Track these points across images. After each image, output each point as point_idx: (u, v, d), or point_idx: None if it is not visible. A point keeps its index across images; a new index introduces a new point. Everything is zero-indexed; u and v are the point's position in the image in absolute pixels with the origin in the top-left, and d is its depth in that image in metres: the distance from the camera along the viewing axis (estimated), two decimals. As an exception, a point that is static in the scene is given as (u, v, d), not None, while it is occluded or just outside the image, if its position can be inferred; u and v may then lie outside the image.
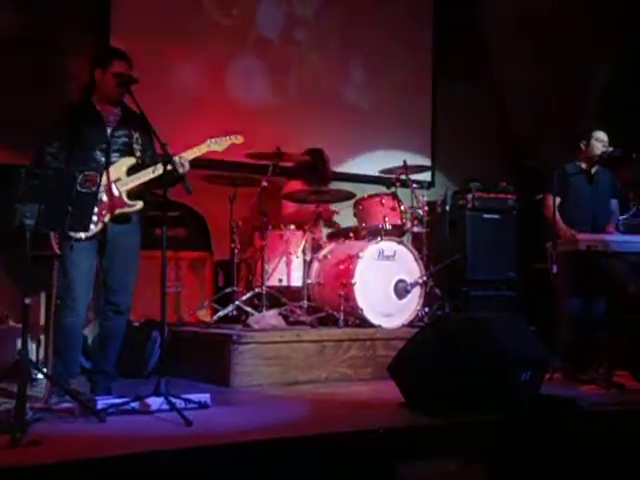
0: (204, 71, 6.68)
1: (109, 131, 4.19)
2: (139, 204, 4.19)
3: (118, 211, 4.13)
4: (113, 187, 4.11)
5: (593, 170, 5.51)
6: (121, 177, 4.15)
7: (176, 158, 4.05)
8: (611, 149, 5.42)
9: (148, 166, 4.17)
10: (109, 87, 4.16)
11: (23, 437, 3.11)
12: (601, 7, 7.29)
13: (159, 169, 4.05)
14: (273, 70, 7.02)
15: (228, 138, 4.42)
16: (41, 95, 5.62)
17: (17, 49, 5.71)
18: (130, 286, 4.26)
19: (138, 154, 4.21)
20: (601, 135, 5.48)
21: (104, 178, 4.04)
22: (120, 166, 4.16)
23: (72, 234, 3.95)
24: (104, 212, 4.08)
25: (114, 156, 4.17)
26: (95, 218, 4.00)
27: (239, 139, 4.47)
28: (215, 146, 4.37)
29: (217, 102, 6.59)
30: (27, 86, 5.71)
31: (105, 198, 4.08)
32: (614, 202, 5.61)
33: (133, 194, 4.17)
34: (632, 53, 7.20)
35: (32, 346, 4.96)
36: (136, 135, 4.23)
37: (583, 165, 5.52)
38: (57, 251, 4.05)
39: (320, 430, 3.56)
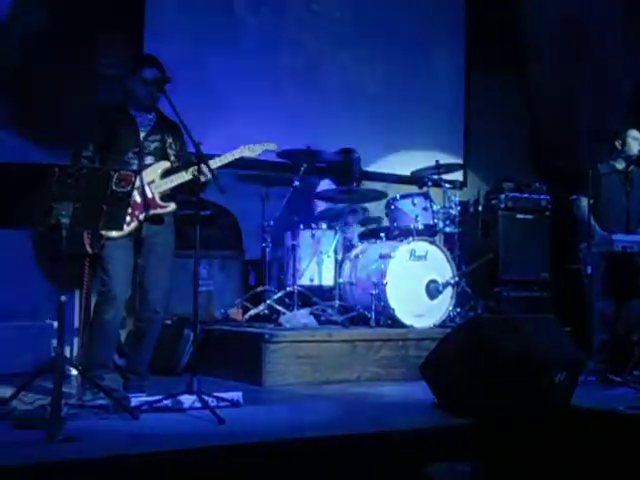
0: (235, 71, 6.69)
1: (142, 135, 4.24)
2: (172, 206, 4.23)
3: (152, 212, 4.17)
4: (147, 189, 4.16)
5: (627, 170, 5.43)
6: (155, 180, 4.20)
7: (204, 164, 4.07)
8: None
9: (182, 169, 4.20)
10: (140, 94, 4.21)
11: (59, 433, 3.14)
12: (633, 5, 7.18)
13: (190, 173, 4.08)
14: (303, 69, 7.01)
15: (261, 145, 4.44)
16: (73, 95, 5.68)
17: (50, 48, 5.76)
18: (165, 286, 4.28)
19: (172, 158, 4.26)
20: (636, 133, 5.40)
21: (138, 181, 4.07)
22: (155, 169, 4.22)
23: (104, 233, 3.99)
24: (137, 213, 4.13)
25: (148, 159, 4.22)
26: (128, 218, 4.03)
27: (272, 146, 4.50)
28: (248, 152, 4.41)
29: (248, 102, 6.60)
30: (59, 86, 5.76)
31: (138, 199, 4.12)
32: None
33: (166, 196, 4.21)
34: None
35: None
36: (169, 140, 4.28)
37: (618, 165, 5.44)
38: (89, 250, 4.09)
39: (350, 430, 3.55)
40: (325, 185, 6.36)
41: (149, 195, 4.16)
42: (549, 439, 3.69)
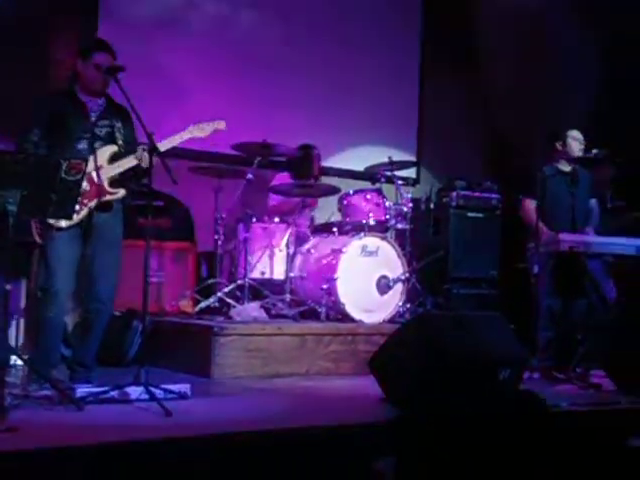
0: (191, 59, 6.64)
1: (92, 120, 4.16)
2: (121, 192, 4.15)
3: (101, 199, 4.09)
4: (94, 175, 4.07)
5: (571, 171, 5.51)
6: (103, 165, 4.11)
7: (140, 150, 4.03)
8: (596, 151, 5.43)
9: (130, 154, 4.14)
10: (90, 78, 4.14)
11: (1, 423, 3.10)
12: (588, 5, 7.32)
13: (138, 158, 4.04)
14: (261, 61, 7.00)
15: (210, 124, 4.38)
16: (24, 79, 5.57)
17: (2, 31, 5.65)
18: (112, 276, 4.22)
19: (120, 142, 4.19)
20: (577, 134, 5.49)
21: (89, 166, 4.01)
22: (102, 154, 4.13)
23: (53, 222, 3.93)
24: (86, 200, 4.05)
25: (97, 145, 4.14)
26: (77, 207, 3.96)
27: (222, 124, 4.43)
28: (197, 132, 4.33)
29: (204, 92, 6.56)
30: (9, 70, 5.64)
31: (87, 186, 4.03)
32: (593, 201, 5.64)
33: (115, 182, 4.14)
34: (620, 52, 7.23)
35: (12, 332, 4.95)
36: (118, 125, 4.21)
37: (560, 166, 5.52)
38: (38, 239, 4.02)
39: (299, 423, 3.57)
40: (280, 180, 6.36)
41: (97, 181, 4.07)
42: (494, 435, 3.75)
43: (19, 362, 4.49)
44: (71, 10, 5.99)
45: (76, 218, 4.00)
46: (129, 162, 4.12)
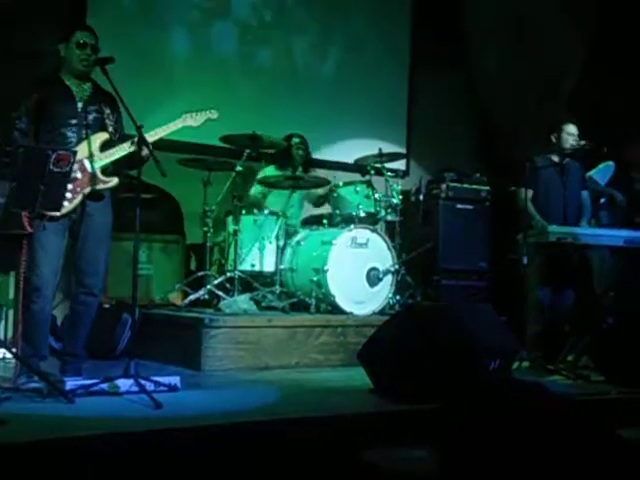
0: (181, 53, 6.63)
1: (80, 106, 4.11)
2: (114, 180, 4.11)
3: (93, 188, 4.05)
4: (87, 163, 4.03)
5: (563, 163, 5.55)
6: (95, 153, 4.05)
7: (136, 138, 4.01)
8: (583, 142, 5.46)
9: (122, 142, 4.11)
10: (74, 58, 4.09)
11: (-9, 416, 3.09)
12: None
13: (132, 146, 4.01)
14: (250, 54, 6.99)
15: (204, 113, 4.36)
16: (10, 70, 5.53)
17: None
18: (102, 268, 4.21)
19: (111, 129, 4.15)
20: (572, 128, 5.52)
21: (78, 155, 3.97)
22: (94, 141, 4.07)
23: (45, 212, 3.90)
24: (78, 189, 4.00)
25: (87, 132, 4.08)
26: (70, 195, 3.93)
27: (214, 113, 4.41)
28: (191, 120, 4.30)
29: (193, 85, 6.55)
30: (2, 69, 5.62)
31: (79, 175, 4.00)
32: (585, 193, 5.67)
33: (107, 171, 4.10)
34: (606, 41, 7.26)
35: (1, 326, 4.93)
36: (107, 111, 4.15)
37: (554, 158, 5.57)
38: (29, 229, 3.99)
39: (289, 415, 3.58)
40: (268, 171, 6.36)
41: (89, 170, 4.03)
42: (482, 425, 3.76)
43: (8, 355, 4.48)
44: (58, 3, 5.95)
45: (69, 206, 3.96)
46: (122, 150, 4.08)
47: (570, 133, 5.50)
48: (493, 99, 7.92)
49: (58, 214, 3.92)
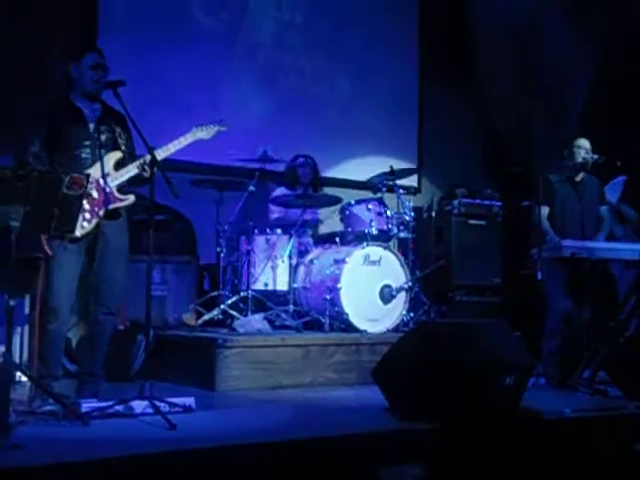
0: (192, 74, 6.67)
1: (92, 127, 4.14)
2: (131, 198, 4.13)
3: (111, 206, 4.07)
4: (102, 182, 4.05)
5: (578, 178, 5.52)
6: (110, 172, 4.09)
7: (147, 157, 4.04)
8: (596, 157, 5.43)
9: (134, 160, 4.14)
10: (86, 80, 4.12)
11: (6, 440, 3.09)
12: (582, 15, 7.35)
13: (147, 165, 4.04)
14: (261, 74, 7.03)
15: (214, 125, 4.38)
16: (25, 95, 5.59)
17: (1, 46, 5.68)
18: (119, 288, 4.21)
19: (123, 148, 4.18)
20: (583, 142, 5.49)
21: (93, 175, 3.99)
22: (108, 161, 4.11)
23: (61, 235, 3.92)
24: (96, 209, 4.02)
25: (101, 152, 4.10)
26: (88, 215, 3.96)
27: (225, 126, 4.44)
28: (201, 133, 4.33)
29: (204, 105, 6.59)
30: (11, 86, 5.68)
31: (96, 194, 4.02)
32: (604, 209, 5.61)
33: (123, 189, 4.13)
34: (615, 60, 7.26)
35: (16, 348, 4.95)
36: (118, 130, 4.19)
37: (568, 174, 5.53)
38: (49, 252, 4.00)
39: (304, 435, 3.56)
40: (280, 191, 6.38)
41: (107, 189, 4.06)
42: (498, 443, 3.74)
43: (24, 378, 4.49)
44: (70, 26, 6.01)
45: (88, 227, 3.99)
46: (133, 169, 4.12)
47: (581, 147, 5.46)
48: (504, 113, 7.93)
49: (78, 235, 3.94)
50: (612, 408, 4.42)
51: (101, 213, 4.05)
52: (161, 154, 4.07)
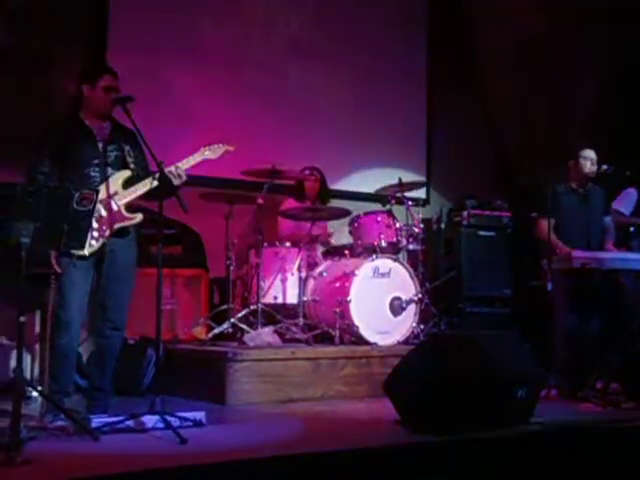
0: (200, 88, 6.71)
1: (101, 146, 4.18)
2: (139, 216, 4.17)
3: (118, 225, 4.12)
4: (111, 201, 4.10)
5: (584, 189, 5.51)
6: (118, 191, 4.14)
7: (172, 168, 4.08)
8: (605, 167, 5.42)
9: (144, 178, 4.18)
10: (99, 102, 4.16)
11: (17, 456, 3.09)
12: (588, 23, 7.35)
13: (155, 182, 4.07)
14: (269, 88, 7.05)
15: (221, 146, 4.42)
16: (28, 110, 5.63)
17: (3, 62, 5.71)
18: (125, 303, 4.25)
19: (132, 166, 4.21)
20: (589, 153, 5.48)
21: (101, 194, 4.03)
22: (116, 179, 4.15)
23: (74, 251, 3.94)
24: (104, 227, 4.07)
25: (108, 171, 4.16)
26: (96, 234, 4.00)
27: (232, 147, 4.48)
28: (209, 154, 4.37)
29: (213, 119, 6.62)
30: (13, 101, 5.71)
31: (104, 213, 4.07)
32: (608, 219, 5.61)
33: (131, 207, 4.17)
34: (619, 68, 7.25)
35: (27, 364, 4.96)
36: (127, 148, 4.23)
37: (573, 184, 5.52)
38: (57, 269, 4.04)
39: (315, 448, 3.55)
40: (289, 204, 6.39)
41: (115, 208, 4.11)
42: (511, 455, 3.72)
43: (34, 394, 4.50)
44: (77, 41, 6.06)
45: (96, 245, 4.03)
46: (144, 186, 4.15)
47: (587, 158, 5.46)
48: (512, 125, 7.93)
49: (86, 253, 3.97)
50: (625, 420, 4.39)
51: (108, 232, 4.09)
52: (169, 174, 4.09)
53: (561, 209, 5.38)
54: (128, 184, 4.17)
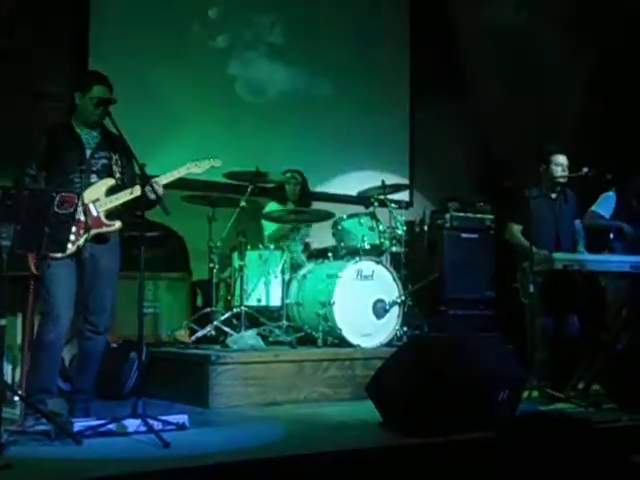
0: (184, 92, 6.70)
1: (88, 153, 4.20)
2: (117, 224, 4.19)
3: (96, 231, 4.13)
4: (92, 207, 4.12)
5: (554, 194, 5.56)
6: (100, 197, 4.16)
7: (152, 181, 4.07)
8: (586, 170, 5.45)
9: (127, 187, 4.18)
10: (89, 111, 4.18)
11: (-2, 460, 3.08)
12: (574, 25, 7.40)
13: (137, 191, 4.07)
14: (253, 90, 7.05)
15: (207, 161, 4.44)
16: (16, 116, 5.59)
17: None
18: (108, 307, 4.25)
19: (118, 175, 4.24)
20: (560, 159, 5.52)
21: (83, 199, 4.03)
22: (100, 187, 4.17)
23: (50, 254, 3.93)
24: (81, 231, 4.09)
25: (93, 178, 4.18)
26: (73, 237, 3.99)
27: (218, 162, 4.49)
28: (195, 168, 4.40)
29: (197, 122, 6.61)
30: (1, 107, 5.69)
31: (83, 217, 4.09)
32: (577, 222, 5.67)
33: (112, 214, 4.18)
34: (605, 70, 7.30)
35: (8, 368, 4.92)
36: (115, 157, 4.25)
37: (544, 188, 5.56)
38: (34, 271, 4.03)
39: (298, 451, 3.55)
40: (271, 207, 6.40)
41: (94, 213, 4.12)
42: (493, 457, 3.73)
43: (15, 398, 4.46)
44: (60, 46, 6.04)
45: (71, 248, 4.03)
46: (126, 195, 4.15)
47: (558, 164, 5.50)
48: (495, 127, 7.96)
49: (62, 255, 3.96)
50: (606, 420, 4.41)
51: (85, 237, 4.09)
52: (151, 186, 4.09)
53: (533, 213, 5.38)
54: (111, 192, 4.18)
